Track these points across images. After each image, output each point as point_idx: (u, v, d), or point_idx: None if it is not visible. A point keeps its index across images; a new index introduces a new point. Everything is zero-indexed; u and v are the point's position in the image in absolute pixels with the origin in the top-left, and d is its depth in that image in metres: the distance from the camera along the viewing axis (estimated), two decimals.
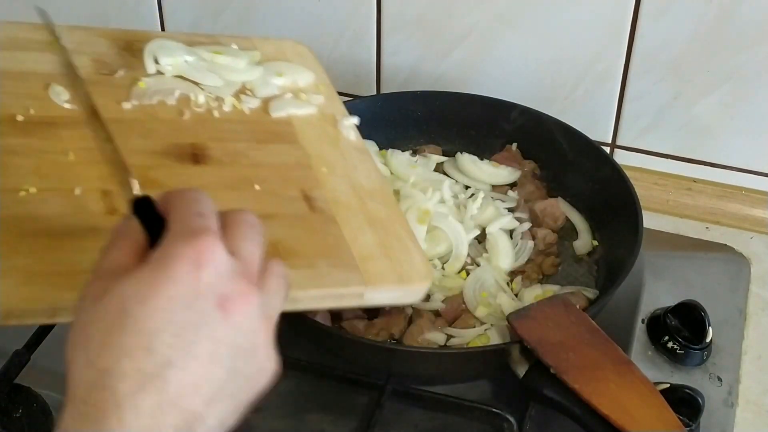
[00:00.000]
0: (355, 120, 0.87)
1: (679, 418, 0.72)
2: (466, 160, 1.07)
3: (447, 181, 1.03)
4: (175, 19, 1.25)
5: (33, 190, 0.67)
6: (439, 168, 1.08)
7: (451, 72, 1.16)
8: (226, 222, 0.54)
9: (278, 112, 0.84)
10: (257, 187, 0.73)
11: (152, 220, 0.53)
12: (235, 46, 0.91)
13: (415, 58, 1.17)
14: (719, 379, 0.91)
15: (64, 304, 0.58)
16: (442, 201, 1.01)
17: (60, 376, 0.50)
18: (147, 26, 1.26)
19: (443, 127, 1.11)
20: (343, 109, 0.88)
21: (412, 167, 1.05)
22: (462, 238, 0.96)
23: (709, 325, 0.91)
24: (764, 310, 1.00)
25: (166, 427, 0.47)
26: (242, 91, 0.86)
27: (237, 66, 0.88)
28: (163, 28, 1.26)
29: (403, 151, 1.08)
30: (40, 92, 0.77)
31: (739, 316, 0.98)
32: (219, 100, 0.83)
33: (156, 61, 0.84)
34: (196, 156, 0.75)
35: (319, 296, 0.65)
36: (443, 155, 1.10)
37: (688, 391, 0.84)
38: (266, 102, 0.85)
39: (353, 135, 0.85)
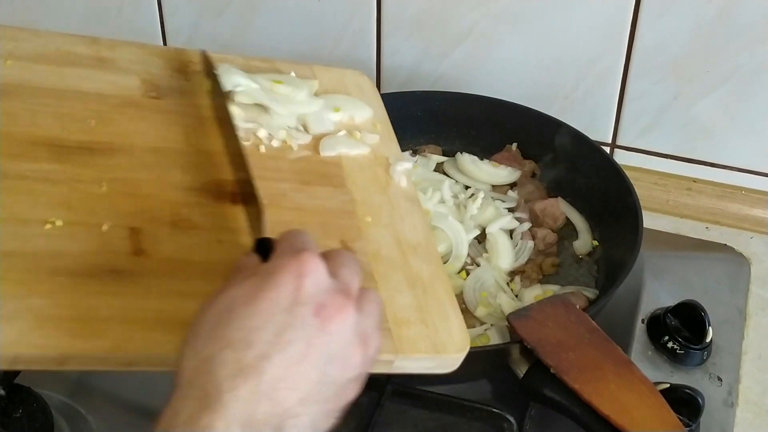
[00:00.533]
0: (409, 165, 0.79)
1: (679, 418, 0.72)
2: (466, 160, 1.07)
3: (447, 181, 1.03)
4: (175, 19, 1.25)
5: (59, 223, 0.63)
6: (439, 168, 1.08)
7: (451, 72, 1.16)
8: (328, 255, 0.59)
9: (329, 152, 0.77)
10: None
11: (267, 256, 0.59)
12: (293, 74, 0.84)
13: (415, 58, 1.17)
14: (719, 379, 0.91)
15: (75, 352, 0.56)
16: (442, 201, 1.01)
17: (60, 376, 0.51)
18: (147, 26, 1.26)
19: (443, 127, 1.11)
20: (398, 150, 0.82)
21: (413, 167, 1.04)
22: (462, 238, 0.96)
23: (709, 325, 0.91)
24: (764, 310, 1.00)
25: (260, 413, 0.52)
26: (294, 126, 0.79)
27: (297, 97, 0.80)
28: (163, 28, 1.26)
29: (403, 151, 1.08)
30: (81, 113, 0.73)
31: (739, 316, 0.98)
32: (271, 135, 0.76)
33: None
34: (235, 195, 0.70)
35: None
36: (443, 155, 1.10)
37: (688, 391, 0.84)
38: (317, 139, 0.78)
39: (404, 182, 0.78)
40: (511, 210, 1.02)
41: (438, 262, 0.71)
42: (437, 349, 0.63)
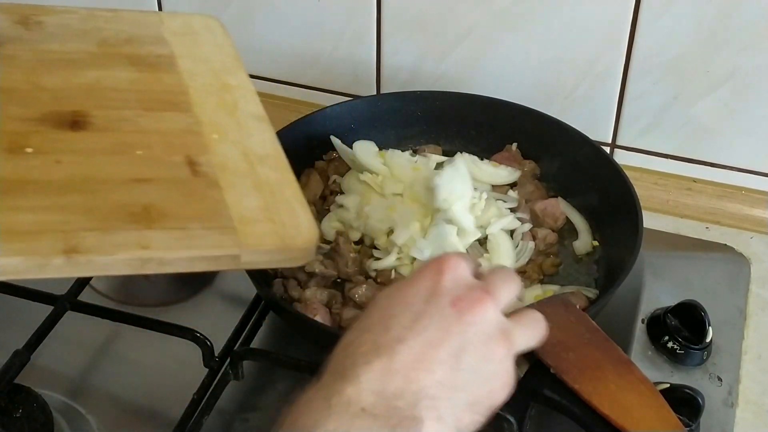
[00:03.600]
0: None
1: (679, 418, 0.72)
2: (466, 160, 1.07)
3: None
4: None
5: None
6: (438, 168, 1.08)
7: (451, 72, 1.16)
8: (487, 271, 0.65)
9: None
10: (139, 152, 0.72)
11: None
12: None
13: (415, 58, 1.17)
14: (719, 379, 0.91)
15: None
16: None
17: (60, 376, 0.51)
18: None
19: (443, 127, 1.11)
20: (246, 79, 0.86)
21: (414, 169, 1.04)
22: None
23: (709, 325, 0.91)
24: (764, 310, 1.00)
25: (393, 387, 0.55)
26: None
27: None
28: None
29: (403, 151, 1.08)
30: None
31: (739, 316, 0.98)
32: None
33: None
34: (76, 123, 0.74)
35: (190, 258, 0.64)
36: (443, 155, 1.10)
37: (688, 391, 0.84)
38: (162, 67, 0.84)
39: (253, 104, 0.83)
40: (512, 210, 1.02)
41: (287, 170, 0.75)
42: (285, 242, 0.66)
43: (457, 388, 0.57)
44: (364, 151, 1.06)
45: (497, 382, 0.60)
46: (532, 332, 0.65)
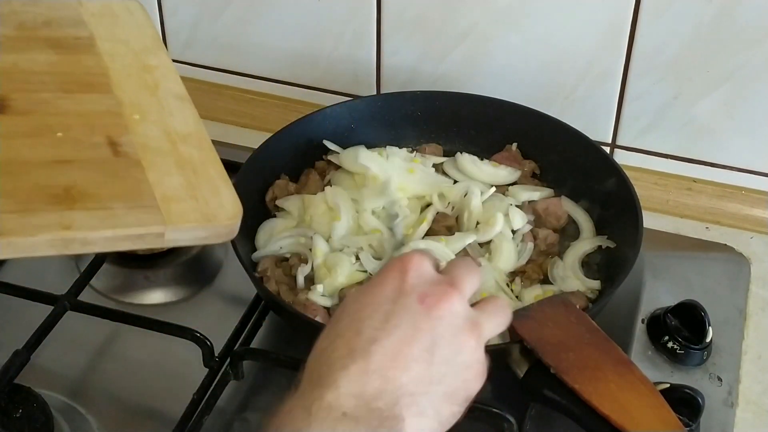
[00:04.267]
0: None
1: (679, 418, 0.72)
2: (466, 160, 1.07)
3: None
4: (175, 19, 1.25)
5: None
6: (438, 168, 1.08)
7: (451, 72, 1.16)
8: (448, 264, 0.66)
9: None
10: (59, 134, 0.72)
11: None
12: None
13: (415, 58, 1.17)
14: (719, 379, 0.91)
15: None
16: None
17: (60, 376, 0.51)
18: None
19: (443, 127, 1.10)
20: (167, 60, 0.86)
21: (410, 171, 1.03)
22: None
23: (709, 325, 0.91)
24: (764, 310, 1.00)
25: (371, 388, 0.56)
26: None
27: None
28: (163, 28, 1.26)
29: (400, 148, 1.08)
30: None
31: (739, 316, 0.98)
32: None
33: None
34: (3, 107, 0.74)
35: (113, 237, 0.64)
36: (443, 155, 1.10)
37: (688, 391, 0.84)
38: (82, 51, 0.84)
39: (175, 83, 0.83)
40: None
41: (210, 148, 0.75)
42: (208, 218, 0.67)
43: (434, 381, 0.58)
44: (350, 161, 1.05)
45: (471, 372, 0.61)
46: (498, 319, 0.66)
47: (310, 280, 0.94)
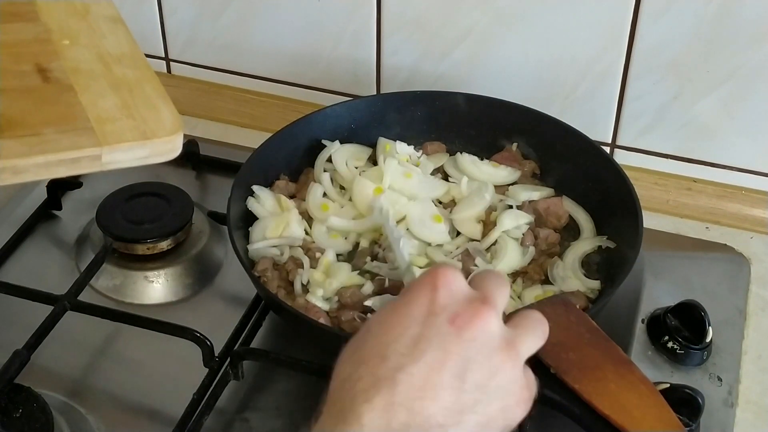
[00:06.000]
0: None
1: (679, 418, 0.72)
2: (466, 160, 1.07)
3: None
4: (175, 19, 1.25)
5: None
6: (437, 170, 1.07)
7: (451, 72, 1.16)
8: (476, 275, 0.61)
9: None
10: None
11: None
12: None
13: (415, 58, 1.17)
14: (719, 379, 0.91)
15: None
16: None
17: (60, 376, 0.50)
18: (146, 25, 1.26)
19: (443, 127, 1.10)
20: None
21: (406, 175, 1.02)
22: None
23: (709, 325, 0.91)
24: (764, 310, 1.00)
25: (397, 423, 0.52)
26: None
27: None
28: (163, 28, 1.26)
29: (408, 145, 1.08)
30: None
31: (739, 316, 0.98)
32: None
33: None
34: None
35: (46, 163, 0.63)
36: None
37: (688, 391, 0.84)
38: None
39: (106, 6, 0.82)
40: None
41: (145, 66, 0.73)
42: (146, 136, 0.65)
43: (466, 411, 0.54)
44: (340, 163, 1.05)
45: (510, 398, 0.57)
46: (536, 336, 0.62)
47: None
